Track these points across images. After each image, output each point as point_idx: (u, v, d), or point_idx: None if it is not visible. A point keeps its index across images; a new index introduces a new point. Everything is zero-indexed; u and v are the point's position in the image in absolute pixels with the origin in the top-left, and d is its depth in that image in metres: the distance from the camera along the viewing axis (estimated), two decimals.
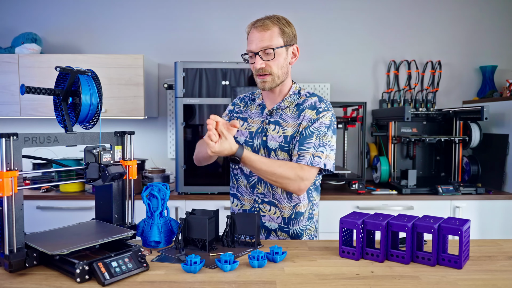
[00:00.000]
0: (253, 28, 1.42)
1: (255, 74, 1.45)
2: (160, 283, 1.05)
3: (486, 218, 2.67)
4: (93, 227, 1.30)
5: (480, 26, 3.26)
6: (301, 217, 1.52)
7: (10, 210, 1.05)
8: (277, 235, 1.52)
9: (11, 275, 1.08)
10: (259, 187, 1.50)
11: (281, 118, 1.49)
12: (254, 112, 1.55)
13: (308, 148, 1.40)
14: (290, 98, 1.50)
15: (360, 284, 1.05)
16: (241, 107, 1.61)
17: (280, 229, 1.51)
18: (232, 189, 1.61)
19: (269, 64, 1.41)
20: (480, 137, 2.80)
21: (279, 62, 1.42)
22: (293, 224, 1.51)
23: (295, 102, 1.50)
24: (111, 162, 1.24)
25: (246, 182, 1.53)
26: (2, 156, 1.04)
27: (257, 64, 1.40)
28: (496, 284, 1.05)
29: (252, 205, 1.53)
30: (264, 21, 1.41)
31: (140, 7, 3.21)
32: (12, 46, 2.97)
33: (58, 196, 2.62)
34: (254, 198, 1.52)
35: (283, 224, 1.51)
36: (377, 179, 2.96)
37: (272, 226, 1.52)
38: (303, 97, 1.51)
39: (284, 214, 1.50)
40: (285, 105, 1.49)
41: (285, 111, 1.50)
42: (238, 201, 1.57)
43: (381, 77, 3.27)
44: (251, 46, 1.42)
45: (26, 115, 2.84)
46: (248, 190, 1.53)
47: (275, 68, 1.42)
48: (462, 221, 1.20)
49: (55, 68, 1.17)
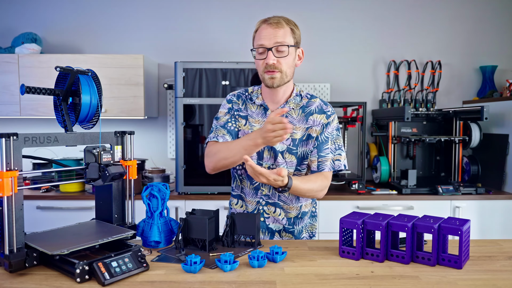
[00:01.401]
0: (266, 24, 1.40)
1: (264, 70, 1.41)
2: (160, 283, 1.05)
3: (486, 218, 2.67)
4: (93, 227, 1.30)
5: (480, 26, 3.26)
6: (305, 216, 1.53)
7: (10, 210, 1.05)
8: (281, 236, 1.52)
9: (11, 275, 1.08)
10: (263, 189, 1.49)
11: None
12: (255, 112, 1.52)
13: (327, 154, 1.46)
14: (294, 100, 1.49)
15: (360, 284, 1.05)
16: (239, 105, 1.54)
17: (285, 230, 1.52)
18: (236, 190, 1.57)
19: (280, 61, 1.40)
20: (480, 137, 2.80)
21: (289, 61, 1.42)
22: (298, 224, 1.52)
23: (299, 105, 1.49)
24: (111, 162, 1.24)
25: (249, 183, 1.51)
26: (2, 156, 1.04)
27: (269, 60, 1.38)
28: (496, 284, 1.05)
29: (255, 207, 1.51)
30: (279, 19, 1.40)
31: (140, 7, 3.21)
32: (12, 46, 2.97)
33: (58, 196, 2.62)
34: (257, 200, 1.50)
35: (288, 225, 1.51)
36: (377, 179, 2.96)
37: (277, 228, 1.51)
38: (305, 99, 1.51)
39: (290, 214, 1.50)
40: (290, 107, 1.48)
41: (290, 113, 1.49)
42: (242, 202, 1.55)
43: (381, 77, 3.27)
44: (264, 41, 1.39)
45: (26, 115, 2.84)
46: (252, 191, 1.51)
47: (285, 66, 1.41)
48: (462, 221, 1.20)
49: (55, 68, 1.17)
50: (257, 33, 1.43)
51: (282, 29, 1.39)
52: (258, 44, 1.41)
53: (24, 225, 1.10)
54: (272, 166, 1.46)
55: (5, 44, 3.11)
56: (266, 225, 1.52)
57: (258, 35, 1.42)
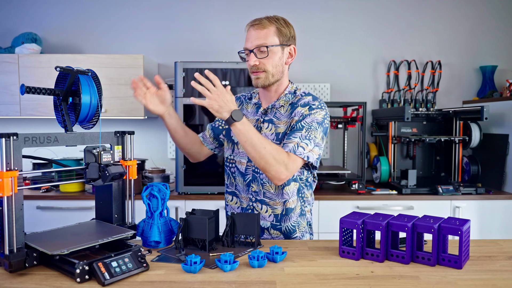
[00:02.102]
0: (250, 27, 1.45)
1: (250, 71, 1.48)
2: (160, 283, 1.05)
3: (486, 218, 2.67)
4: (93, 227, 1.30)
5: (480, 26, 3.26)
6: (291, 213, 1.51)
7: (10, 210, 1.05)
8: (270, 233, 1.53)
9: (11, 275, 1.08)
10: (253, 185, 1.52)
11: (275, 117, 1.51)
12: (250, 111, 1.58)
13: (294, 137, 1.38)
14: (285, 97, 1.52)
15: (360, 284, 1.05)
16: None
17: (273, 227, 1.52)
18: (230, 187, 1.61)
19: (263, 62, 1.43)
20: (480, 137, 2.80)
21: (273, 61, 1.44)
22: (285, 221, 1.52)
23: (289, 101, 1.51)
24: (111, 162, 1.24)
25: (242, 180, 1.54)
26: (2, 156, 1.04)
27: (250, 61, 1.44)
28: (496, 284, 1.05)
29: (247, 203, 1.54)
30: (262, 20, 1.44)
31: (140, 8, 3.21)
32: (12, 46, 2.97)
33: (58, 196, 2.62)
34: (249, 196, 1.54)
35: (275, 222, 1.52)
36: (377, 179, 2.96)
37: (265, 225, 1.53)
38: (298, 97, 1.52)
39: (276, 211, 1.51)
40: (280, 104, 1.51)
41: (279, 109, 1.51)
42: (237, 199, 1.58)
43: (381, 77, 3.27)
44: (247, 44, 1.45)
45: (26, 115, 2.84)
46: (244, 188, 1.55)
47: (269, 66, 1.44)
48: (462, 221, 1.20)
49: (55, 68, 1.17)
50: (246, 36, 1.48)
51: (265, 30, 1.42)
52: (244, 47, 1.47)
53: (24, 225, 1.10)
54: None
55: (5, 44, 3.11)
56: None
57: (245, 38, 1.47)
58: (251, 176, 1.52)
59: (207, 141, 1.68)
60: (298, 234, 1.55)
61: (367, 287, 1.03)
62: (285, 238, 1.53)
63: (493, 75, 3.18)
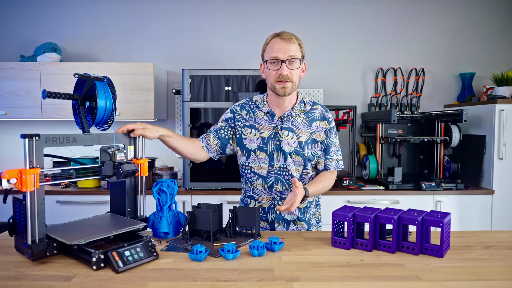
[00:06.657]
0: (280, 38, 1.41)
1: (275, 80, 1.42)
2: (168, 270, 1.05)
3: (465, 211, 2.67)
4: (108, 220, 1.30)
5: (459, 37, 3.26)
6: (311, 205, 1.59)
7: (32, 204, 1.06)
8: (296, 225, 1.54)
9: (33, 263, 1.08)
10: (277, 186, 1.50)
11: (293, 125, 1.50)
12: (263, 119, 1.52)
13: (332, 156, 1.55)
14: (299, 106, 1.52)
15: (351, 271, 1.05)
16: (243, 116, 1.54)
17: (299, 219, 1.54)
18: (247, 192, 1.57)
19: (292, 73, 1.42)
20: (459, 137, 2.80)
21: (298, 72, 1.45)
22: (307, 212, 1.56)
23: (303, 111, 1.52)
24: (124, 160, 1.24)
25: (263, 183, 1.51)
26: (25, 154, 1.04)
27: (283, 71, 1.40)
28: (474, 272, 1.05)
29: (271, 202, 1.53)
30: (291, 35, 1.42)
31: (151, 20, 3.20)
32: (34, 55, 2.97)
33: (76, 191, 2.62)
34: (273, 196, 1.52)
35: (300, 215, 1.54)
36: (366, 176, 2.96)
37: (292, 218, 1.53)
38: (308, 105, 1.54)
39: (301, 205, 1.53)
40: (296, 112, 1.50)
41: (296, 118, 1.51)
42: (255, 202, 1.55)
43: (370, 83, 3.27)
44: (278, 54, 1.39)
45: (47, 118, 2.83)
46: (266, 190, 1.52)
47: (295, 77, 1.44)
48: (443, 214, 1.20)
49: (73, 75, 1.17)
50: (268, 46, 1.43)
51: (294, 44, 1.41)
52: (272, 56, 1.41)
53: (45, 218, 1.10)
54: (282, 166, 1.49)
55: (28, 53, 3.11)
56: (282, 217, 1.53)
57: (270, 47, 1.42)
58: (273, 178, 1.50)
59: (211, 150, 1.56)
60: (314, 221, 1.60)
61: (357, 274, 1.03)
62: (308, 228, 1.56)
63: (471, 81, 3.17)
